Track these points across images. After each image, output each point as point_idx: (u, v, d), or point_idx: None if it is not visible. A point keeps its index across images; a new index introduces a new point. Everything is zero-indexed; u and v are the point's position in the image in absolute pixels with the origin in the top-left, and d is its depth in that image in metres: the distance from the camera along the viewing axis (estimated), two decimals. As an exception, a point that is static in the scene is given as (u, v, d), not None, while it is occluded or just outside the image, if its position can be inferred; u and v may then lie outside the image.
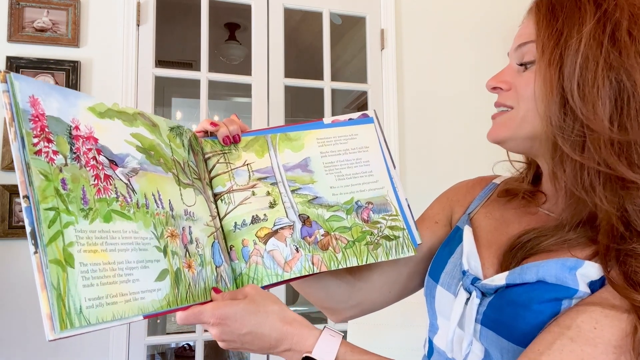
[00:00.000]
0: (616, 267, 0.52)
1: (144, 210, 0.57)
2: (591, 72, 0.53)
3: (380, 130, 0.80)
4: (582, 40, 0.54)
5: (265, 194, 0.72)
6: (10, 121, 0.47)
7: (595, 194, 0.53)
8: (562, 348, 0.48)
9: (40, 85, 0.52)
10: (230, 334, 0.56)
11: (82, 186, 0.51)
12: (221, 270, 0.65)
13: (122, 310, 0.49)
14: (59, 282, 0.44)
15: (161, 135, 0.66)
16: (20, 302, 1.71)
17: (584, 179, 0.54)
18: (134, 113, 0.63)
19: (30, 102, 0.50)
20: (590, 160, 0.53)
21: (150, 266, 0.54)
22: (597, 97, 0.52)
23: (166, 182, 0.63)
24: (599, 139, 0.53)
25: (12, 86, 0.48)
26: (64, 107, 0.53)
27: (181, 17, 3.10)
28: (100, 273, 0.48)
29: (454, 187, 0.83)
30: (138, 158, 0.60)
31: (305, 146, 0.76)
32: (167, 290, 0.55)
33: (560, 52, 0.55)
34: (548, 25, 0.57)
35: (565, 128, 0.54)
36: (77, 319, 0.45)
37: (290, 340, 0.56)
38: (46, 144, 0.49)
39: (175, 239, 0.59)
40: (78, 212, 0.49)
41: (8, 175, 1.73)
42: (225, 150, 0.74)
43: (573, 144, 0.54)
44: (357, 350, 0.56)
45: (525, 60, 0.61)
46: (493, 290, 0.60)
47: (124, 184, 0.56)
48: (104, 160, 0.55)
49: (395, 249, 0.71)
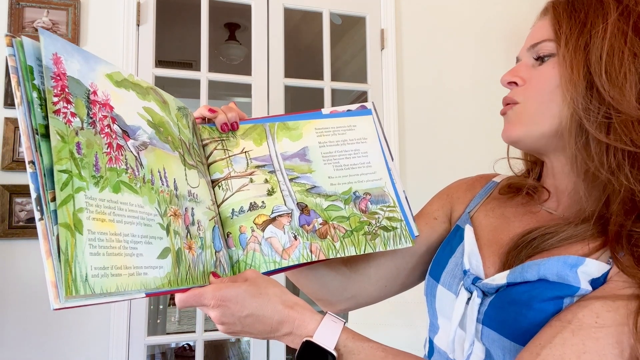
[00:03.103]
0: (627, 250, 0.53)
1: (149, 185, 0.56)
2: (618, 58, 0.55)
3: (379, 122, 0.79)
4: (607, 29, 0.56)
5: (263, 181, 0.71)
6: (16, 85, 0.46)
7: (622, 173, 0.55)
8: (563, 342, 0.48)
9: (64, 44, 0.51)
10: (231, 316, 0.55)
11: (95, 152, 0.50)
12: (220, 256, 0.64)
13: (125, 283, 0.48)
14: (67, 247, 0.43)
15: (170, 114, 0.66)
16: (20, 302, 1.71)
17: (610, 159, 0.55)
18: (147, 87, 0.63)
19: (53, 60, 0.49)
20: (617, 140, 0.55)
21: (153, 242, 0.53)
22: (624, 80, 0.55)
23: (172, 161, 0.62)
24: (626, 120, 0.54)
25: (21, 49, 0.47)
26: (84, 70, 0.53)
27: (181, 17, 3.10)
28: (106, 243, 0.47)
29: (454, 184, 0.83)
30: (148, 132, 0.59)
31: (303, 136, 0.76)
32: (168, 269, 0.54)
33: (585, 40, 0.57)
34: (570, 18, 0.59)
35: (592, 109, 0.56)
36: (82, 286, 0.44)
37: (291, 324, 0.55)
38: (65, 104, 0.48)
39: (178, 218, 0.58)
40: (90, 178, 0.48)
41: (8, 175, 1.73)
42: (223, 137, 0.74)
43: (600, 125, 0.56)
44: (359, 337, 0.55)
45: (542, 54, 0.62)
46: (494, 289, 0.59)
47: (134, 156, 0.55)
48: (118, 129, 0.54)
49: (393, 240, 0.71)
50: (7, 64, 0.46)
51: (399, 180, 0.76)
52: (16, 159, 1.73)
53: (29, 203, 1.73)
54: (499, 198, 0.72)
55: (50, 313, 1.73)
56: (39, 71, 0.48)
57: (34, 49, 0.48)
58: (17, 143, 1.74)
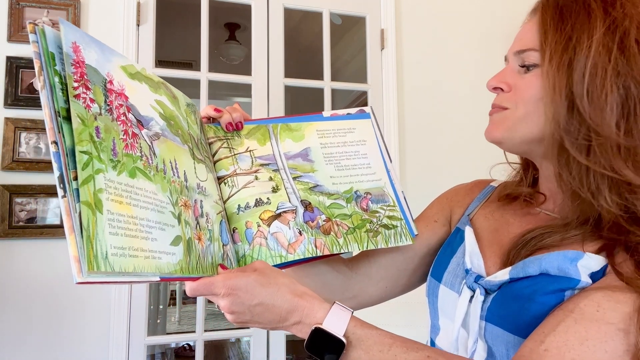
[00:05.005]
0: (626, 257, 0.53)
1: (162, 174, 0.57)
2: (600, 78, 0.54)
3: (377, 125, 0.82)
4: (592, 47, 0.55)
5: (268, 179, 0.73)
6: (39, 70, 0.48)
7: (601, 196, 0.54)
8: (566, 329, 0.49)
9: (82, 34, 0.53)
10: (241, 305, 0.55)
11: (113, 138, 0.51)
12: (227, 249, 0.65)
13: (142, 265, 0.49)
14: (89, 224, 0.45)
15: (180, 108, 0.67)
16: (20, 302, 1.71)
17: (589, 181, 0.55)
18: (158, 82, 0.64)
19: (72, 48, 0.51)
20: (596, 164, 0.54)
21: (166, 229, 0.54)
22: (605, 103, 0.54)
23: (182, 153, 0.63)
24: (605, 144, 0.54)
25: (43, 37, 0.49)
26: (101, 60, 0.54)
27: (181, 17, 3.10)
28: (124, 224, 0.48)
29: (453, 189, 0.84)
30: (160, 124, 0.61)
31: (305, 137, 0.78)
32: (180, 256, 0.54)
33: (569, 57, 0.56)
34: (556, 29, 0.58)
35: (572, 131, 0.55)
36: (103, 263, 0.44)
37: (300, 313, 0.55)
38: (84, 90, 0.50)
39: (188, 209, 0.60)
40: (108, 161, 0.49)
41: (8, 175, 1.73)
42: (228, 136, 0.76)
43: (579, 147, 0.55)
44: (367, 324, 0.56)
45: (527, 63, 0.61)
46: (497, 286, 0.60)
47: (148, 145, 0.57)
48: (133, 118, 0.56)
49: (394, 238, 0.73)
50: (7, 64, 0.46)
51: (397, 180, 0.79)
52: (16, 159, 1.73)
53: (29, 203, 1.73)
54: (498, 202, 0.73)
55: (50, 313, 1.73)
56: (60, 58, 0.49)
57: (54, 37, 0.50)
58: (17, 143, 1.74)
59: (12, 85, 1.74)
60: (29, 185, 1.73)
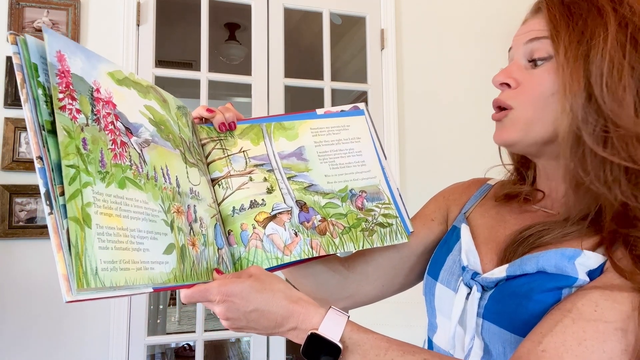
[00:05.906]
0: (624, 252, 0.53)
1: (152, 182, 0.56)
2: (617, 71, 0.55)
3: (371, 122, 0.81)
4: (607, 41, 0.55)
5: (262, 180, 0.72)
6: (22, 82, 0.46)
7: (617, 188, 0.54)
8: (564, 329, 0.49)
9: (67, 42, 0.51)
10: (236, 311, 0.55)
11: (101, 148, 0.50)
12: (222, 253, 0.64)
13: (133, 277, 0.48)
14: (77, 240, 0.44)
15: (170, 112, 0.66)
16: (20, 302, 1.71)
17: (606, 174, 0.55)
18: (147, 86, 0.63)
19: (57, 57, 0.49)
20: (615, 155, 0.54)
21: (158, 238, 0.53)
22: (624, 94, 0.54)
23: (174, 158, 0.62)
24: (625, 135, 0.54)
25: (25, 47, 0.47)
26: (87, 68, 0.53)
27: (181, 17, 3.10)
28: (114, 237, 0.47)
29: (450, 187, 0.84)
30: (150, 130, 0.60)
31: (299, 135, 0.77)
32: (173, 264, 0.54)
33: (585, 51, 0.56)
34: (567, 22, 0.58)
35: (590, 122, 0.55)
36: (92, 279, 0.44)
37: (296, 319, 0.55)
38: (70, 101, 0.49)
39: (181, 215, 0.59)
40: (96, 173, 0.48)
41: (8, 175, 1.73)
42: (221, 137, 0.75)
43: (597, 139, 0.55)
44: (363, 329, 0.56)
45: (537, 57, 0.61)
46: (494, 283, 0.60)
47: (137, 153, 0.56)
48: (121, 126, 0.55)
49: (390, 236, 0.72)
50: (7, 64, 0.46)
51: (392, 177, 0.78)
52: (16, 159, 1.73)
53: (29, 203, 1.73)
54: (495, 201, 0.73)
55: (50, 313, 1.73)
56: (44, 68, 0.48)
57: (37, 47, 0.48)
58: (17, 143, 1.74)
59: (12, 85, 1.74)
60: (29, 185, 1.74)
